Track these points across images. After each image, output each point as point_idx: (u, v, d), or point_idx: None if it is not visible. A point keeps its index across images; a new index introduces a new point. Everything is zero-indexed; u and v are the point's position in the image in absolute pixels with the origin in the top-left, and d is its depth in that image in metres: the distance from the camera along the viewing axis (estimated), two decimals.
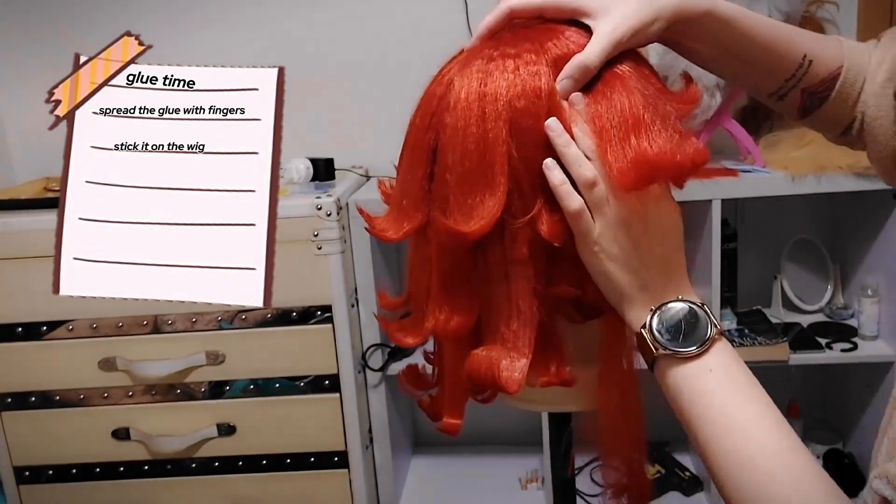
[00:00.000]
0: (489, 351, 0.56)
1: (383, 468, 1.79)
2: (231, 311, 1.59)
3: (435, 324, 0.57)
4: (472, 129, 0.53)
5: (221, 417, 1.65)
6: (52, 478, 1.70)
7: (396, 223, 0.59)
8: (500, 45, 0.56)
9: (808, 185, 1.54)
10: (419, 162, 0.57)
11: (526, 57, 0.54)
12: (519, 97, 0.53)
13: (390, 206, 0.62)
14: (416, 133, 0.58)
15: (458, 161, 0.54)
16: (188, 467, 1.68)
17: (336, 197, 1.56)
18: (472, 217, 0.53)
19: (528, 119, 0.53)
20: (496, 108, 0.53)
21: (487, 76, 0.54)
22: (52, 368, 1.63)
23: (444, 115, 0.55)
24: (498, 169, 0.53)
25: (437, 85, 0.57)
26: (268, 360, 1.62)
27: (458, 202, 0.54)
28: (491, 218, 0.53)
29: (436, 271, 0.57)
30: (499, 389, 0.55)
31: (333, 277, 1.56)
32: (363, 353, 1.71)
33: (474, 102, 0.53)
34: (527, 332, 0.55)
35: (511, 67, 0.54)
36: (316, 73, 1.95)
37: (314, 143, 1.94)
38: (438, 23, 1.88)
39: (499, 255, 0.55)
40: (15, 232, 1.57)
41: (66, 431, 1.67)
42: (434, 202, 0.56)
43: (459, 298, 0.57)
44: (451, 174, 0.54)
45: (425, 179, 0.57)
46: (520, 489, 1.91)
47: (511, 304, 0.56)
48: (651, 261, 0.53)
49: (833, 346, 1.70)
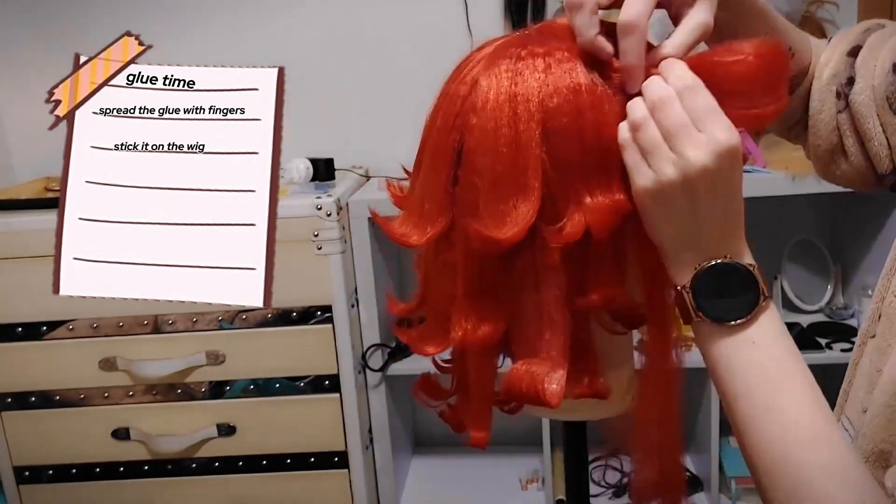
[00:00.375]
0: (529, 365, 0.54)
1: (383, 468, 1.79)
2: (231, 311, 1.59)
3: (463, 333, 0.55)
4: (504, 130, 0.51)
5: (222, 417, 1.65)
6: (52, 478, 1.70)
7: (418, 228, 0.57)
8: (527, 43, 0.54)
9: (809, 185, 1.54)
10: (442, 164, 0.55)
11: (557, 55, 0.52)
12: (552, 96, 0.50)
13: (407, 209, 0.60)
14: (437, 135, 0.55)
15: (489, 165, 0.51)
16: (188, 467, 1.68)
17: (336, 197, 1.56)
18: (504, 223, 0.51)
19: (563, 117, 0.50)
20: (528, 108, 0.51)
21: (517, 75, 0.52)
22: (53, 368, 1.63)
23: (469, 115, 0.53)
24: (531, 172, 0.50)
25: (460, 84, 0.54)
26: (268, 361, 1.62)
27: (489, 207, 0.52)
28: (525, 224, 0.50)
29: (462, 278, 0.55)
30: (542, 405, 0.53)
31: (333, 277, 1.56)
32: (363, 354, 1.71)
33: (505, 103, 0.51)
34: (560, 341, 0.53)
35: (542, 66, 0.51)
36: (316, 73, 1.95)
37: (314, 143, 1.94)
38: (438, 22, 1.88)
39: (529, 261, 0.53)
40: (15, 232, 1.57)
41: (66, 431, 1.67)
42: (461, 207, 0.54)
43: (487, 307, 0.55)
44: (481, 178, 0.52)
45: (449, 183, 0.54)
46: (520, 489, 1.91)
47: (542, 313, 0.54)
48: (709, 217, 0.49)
49: (833, 346, 1.70)
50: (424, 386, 0.65)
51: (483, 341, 0.55)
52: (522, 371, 0.54)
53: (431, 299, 0.61)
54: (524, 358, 0.55)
